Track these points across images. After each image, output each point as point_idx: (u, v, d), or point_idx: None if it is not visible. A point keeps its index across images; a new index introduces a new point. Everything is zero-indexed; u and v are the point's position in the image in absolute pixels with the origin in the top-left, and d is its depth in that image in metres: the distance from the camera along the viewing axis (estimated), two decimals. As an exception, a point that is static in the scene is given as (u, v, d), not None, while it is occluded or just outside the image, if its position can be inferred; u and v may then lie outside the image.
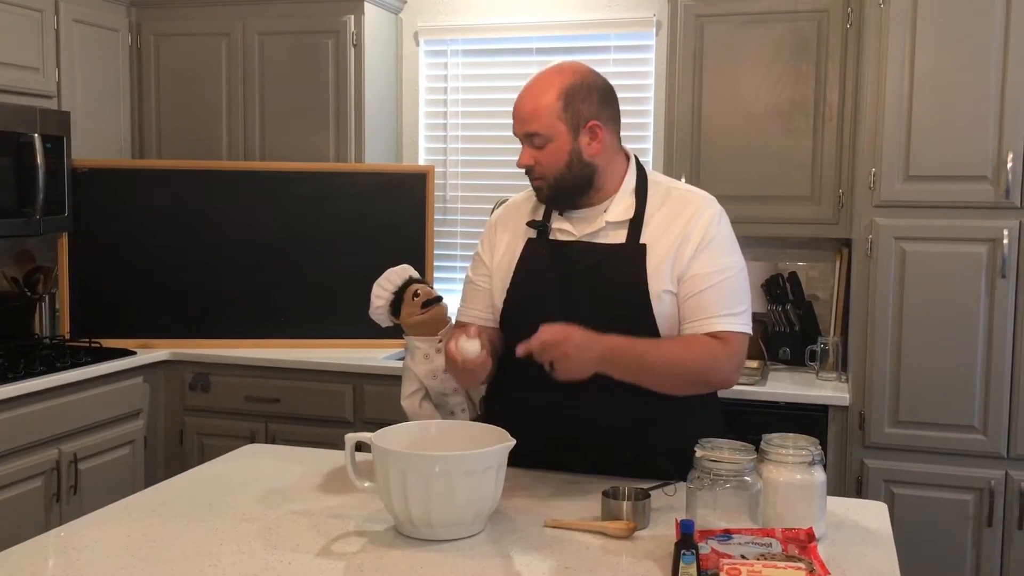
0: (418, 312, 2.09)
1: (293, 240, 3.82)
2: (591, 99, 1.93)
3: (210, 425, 3.71)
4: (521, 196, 2.15)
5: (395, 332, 2.27)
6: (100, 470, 3.42)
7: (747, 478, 1.62)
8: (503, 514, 1.78)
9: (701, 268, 1.92)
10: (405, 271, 2.19)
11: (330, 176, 3.84)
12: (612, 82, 2.01)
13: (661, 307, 1.92)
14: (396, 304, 2.17)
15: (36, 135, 3.43)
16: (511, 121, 1.98)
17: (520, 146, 1.98)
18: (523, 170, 1.99)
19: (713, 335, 1.91)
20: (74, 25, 3.73)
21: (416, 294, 2.13)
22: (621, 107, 2.02)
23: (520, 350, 1.80)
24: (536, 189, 2.01)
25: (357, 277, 2.57)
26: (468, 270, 2.17)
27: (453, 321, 2.20)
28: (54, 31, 3.62)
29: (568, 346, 1.77)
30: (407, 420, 2.03)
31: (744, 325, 1.94)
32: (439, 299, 2.14)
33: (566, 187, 1.96)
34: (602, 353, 1.81)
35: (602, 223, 1.97)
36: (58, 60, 3.64)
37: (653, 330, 1.93)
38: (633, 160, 2.04)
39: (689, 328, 1.93)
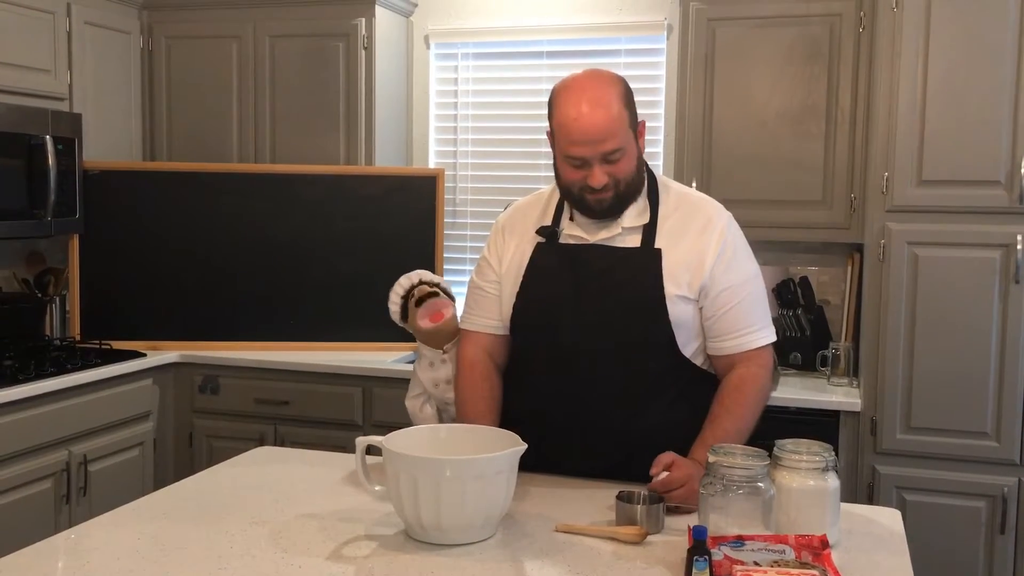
0: (420, 319, 2.06)
1: (303, 242, 3.82)
2: (633, 100, 1.93)
3: (219, 427, 3.71)
4: (527, 200, 2.13)
5: (404, 335, 2.26)
6: (110, 472, 3.42)
7: (760, 484, 1.61)
8: (514, 518, 1.77)
9: (729, 281, 1.94)
10: (415, 275, 2.15)
11: (340, 179, 3.84)
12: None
13: (675, 310, 1.92)
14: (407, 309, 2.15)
15: (47, 137, 3.43)
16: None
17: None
18: (578, 187, 1.90)
19: (751, 355, 1.95)
20: (86, 27, 3.74)
21: (415, 298, 2.09)
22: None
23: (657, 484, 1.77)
24: (598, 201, 1.91)
25: (366, 280, 2.57)
26: (473, 275, 2.13)
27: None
28: (66, 33, 3.63)
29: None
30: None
31: (773, 333, 2.01)
32: (435, 293, 2.07)
33: (632, 191, 1.94)
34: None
35: (618, 228, 1.96)
36: (70, 62, 3.65)
37: (667, 334, 1.93)
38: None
39: (726, 343, 1.96)
